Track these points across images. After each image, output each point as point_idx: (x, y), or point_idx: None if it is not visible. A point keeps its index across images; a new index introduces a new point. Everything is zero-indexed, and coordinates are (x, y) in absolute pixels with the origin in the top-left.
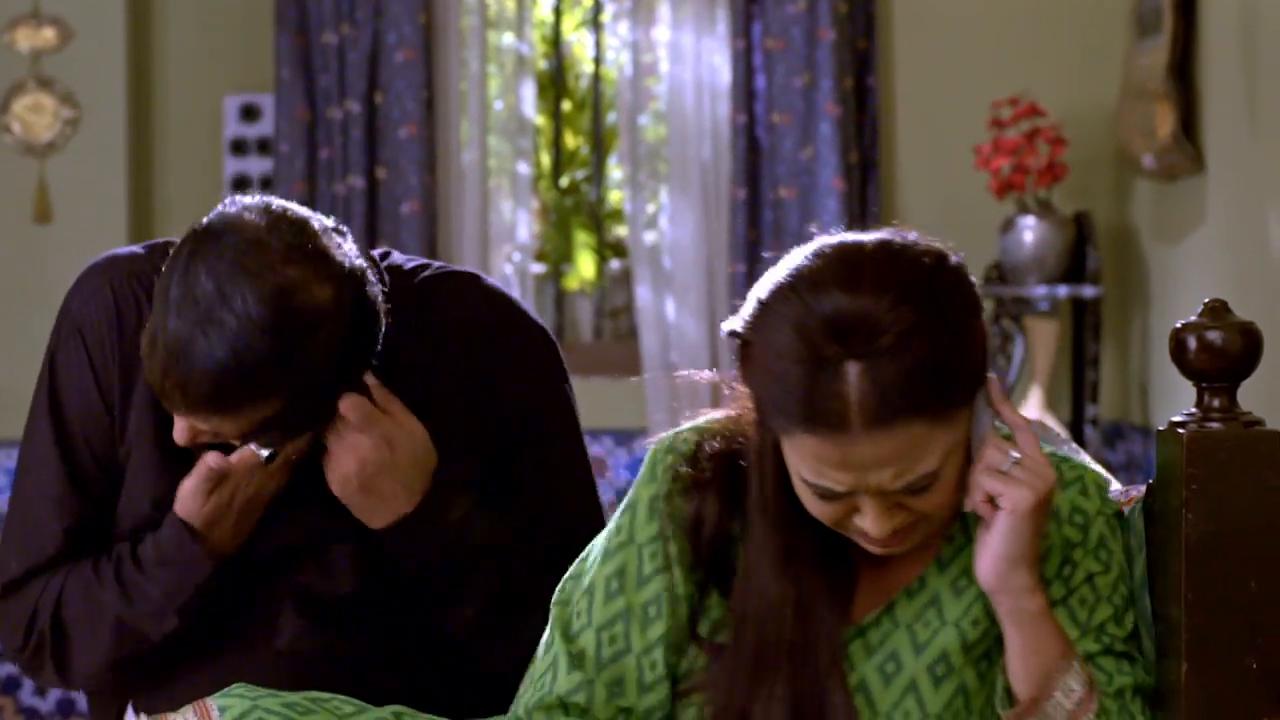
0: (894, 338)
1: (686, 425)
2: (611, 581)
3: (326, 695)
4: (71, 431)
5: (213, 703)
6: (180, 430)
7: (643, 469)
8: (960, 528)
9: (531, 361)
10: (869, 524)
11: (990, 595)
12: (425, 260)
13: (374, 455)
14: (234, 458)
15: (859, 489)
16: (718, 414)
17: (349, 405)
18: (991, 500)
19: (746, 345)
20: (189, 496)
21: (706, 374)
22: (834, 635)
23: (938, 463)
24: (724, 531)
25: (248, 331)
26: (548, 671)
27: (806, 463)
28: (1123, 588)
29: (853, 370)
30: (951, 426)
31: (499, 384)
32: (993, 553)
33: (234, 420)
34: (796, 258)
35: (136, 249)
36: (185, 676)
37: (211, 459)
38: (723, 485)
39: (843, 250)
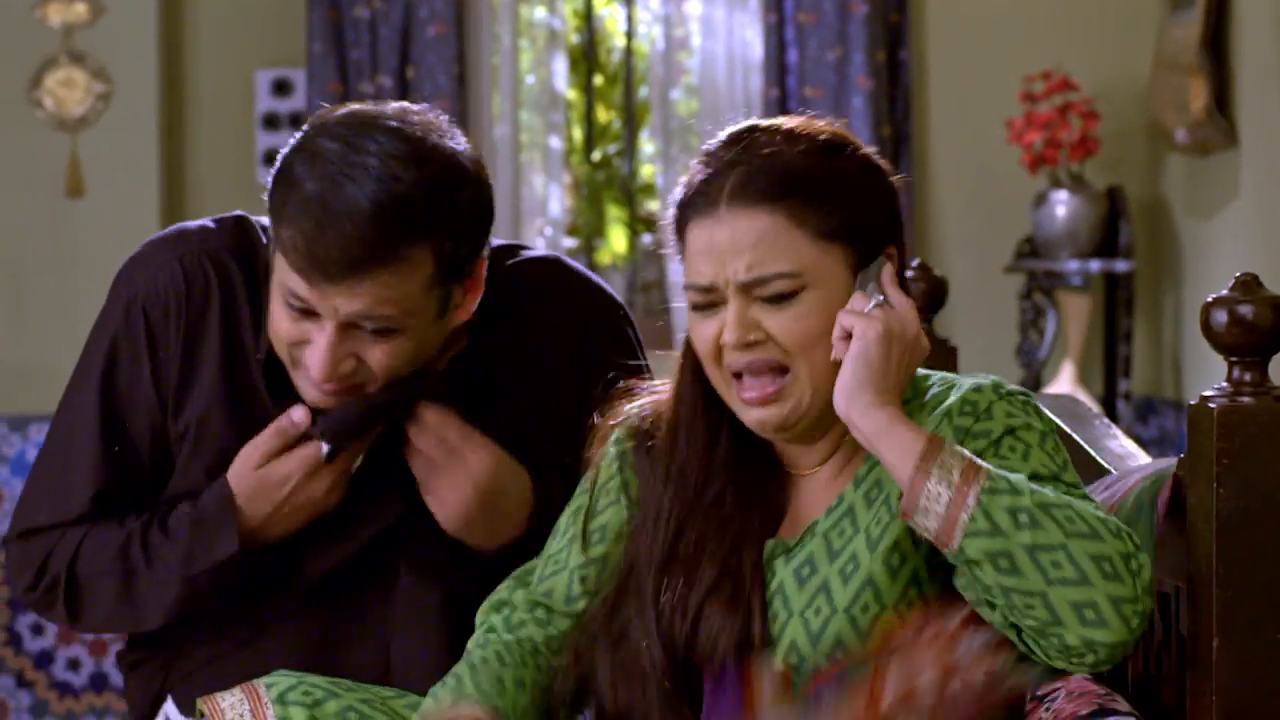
0: (779, 142)
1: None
2: (568, 521)
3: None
4: (119, 408)
5: (259, 682)
6: (322, 354)
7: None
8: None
9: (619, 343)
10: (728, 329)
11: (845, 420)
12: (506, 242)
13: (482, 482)
14: (297, 454)
15: (718, 282)
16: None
17: (438, 422)
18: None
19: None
20: (250, 449)
21: None
22: (756, 551)
23: (791, 267)
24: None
25: (392, 164)
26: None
27: (690, 263)
28: (1054, 443)
29: (737, 166)
30: (816, 245)
31: (587, 367)
32: (842, 382)
33: (390, 281)
34: None
35: (206, 223)
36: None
37: (296, 413)
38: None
39: None
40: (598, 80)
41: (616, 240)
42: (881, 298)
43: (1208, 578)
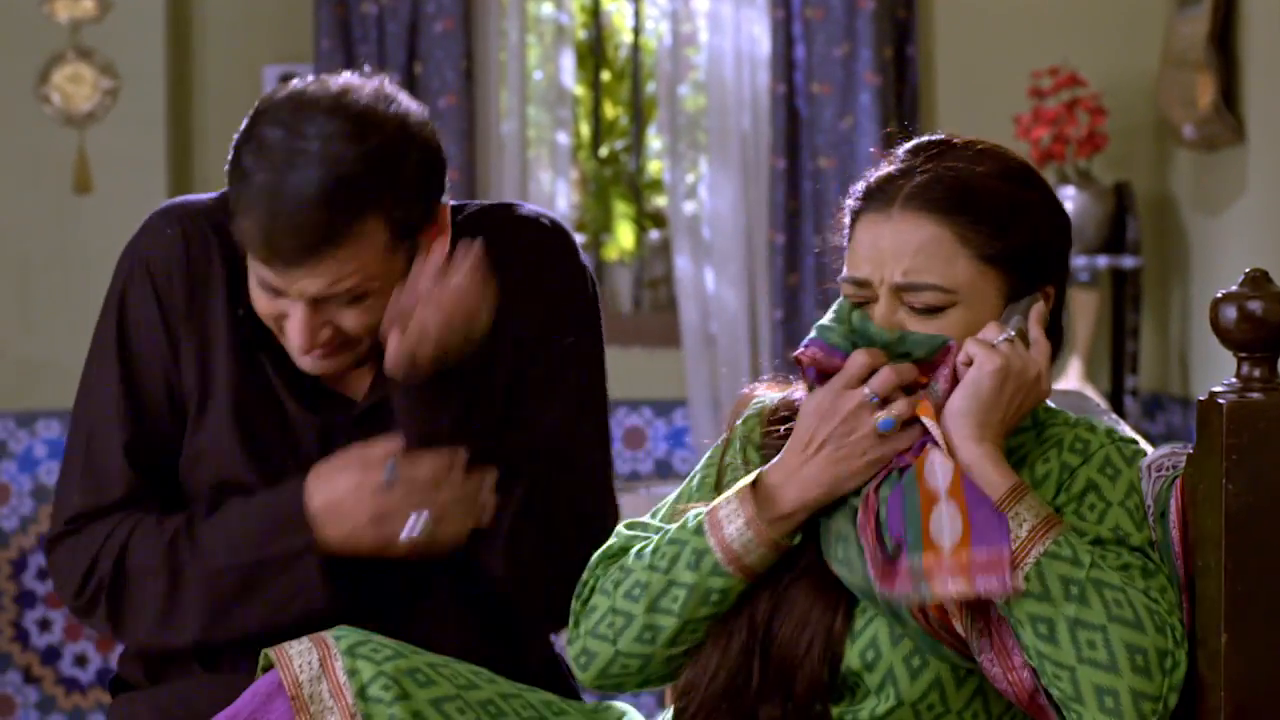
0: (968, 158)
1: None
2: (690, 492)
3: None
4: (138, 370)
5: (327, 634)
6: (299, 328)
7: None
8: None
9: (567, 279)
10: (877, 312)
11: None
12: (463, 201)
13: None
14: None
15: (874, 279)
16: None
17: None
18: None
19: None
20: (364, 475)
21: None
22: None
23: (946, 282)
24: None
25: (332, 146)
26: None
27: (852, 255)
28: (1136, 500)
29: (920, 171)
30: (976, 266)
31: (534, 299)
32: (950, 406)
33: (346, 257)
34: None
35: (208, 196)
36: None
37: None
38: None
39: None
40: (605, 76)
41: (624, 236)
42: (1012, 333)
43: (1216, 572)
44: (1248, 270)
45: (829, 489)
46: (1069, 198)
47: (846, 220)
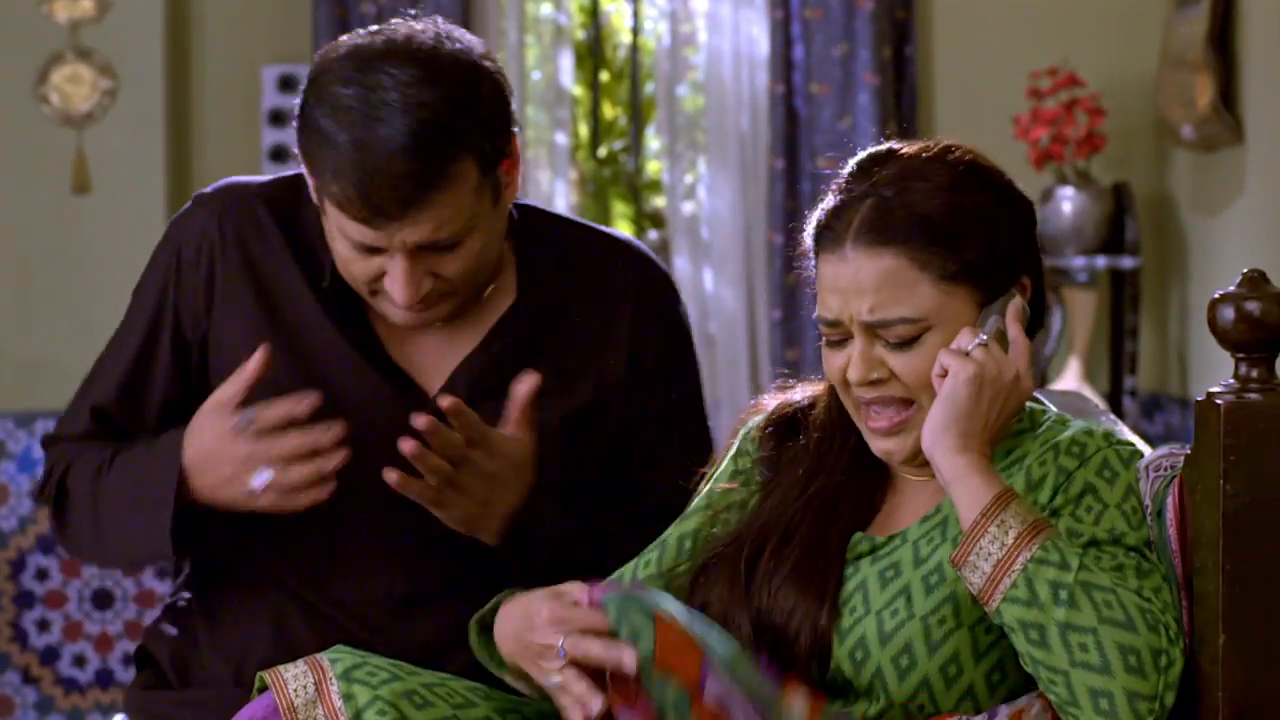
0: (910, 175)
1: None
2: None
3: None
4: (151, 342)
5: (323, 657)
6: (403, 282)
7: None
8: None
9: (672, 331)
10: (851, 366)
11: (928, 458)
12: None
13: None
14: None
15: (843, 318)
16: (807, 387)
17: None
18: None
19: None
20: (218, 401)
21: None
22: (844, 536)
23: (913, 312)
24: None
25: (411, 92)
26: None
27: (820, 295)
28: (1134, 502)
29: (866, 200)
30: (940, 288)
31: (638, 344)
32: (930, 419)
33: (445, 201)
34: None
35: (254, 180)
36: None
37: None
38: (790, 425)
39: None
40: (604, 76)
41: None
42: (985, 337)
43: (1214, 574)
44: (1246, 271)
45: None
46: (1067, 198)
47: (810, 257)
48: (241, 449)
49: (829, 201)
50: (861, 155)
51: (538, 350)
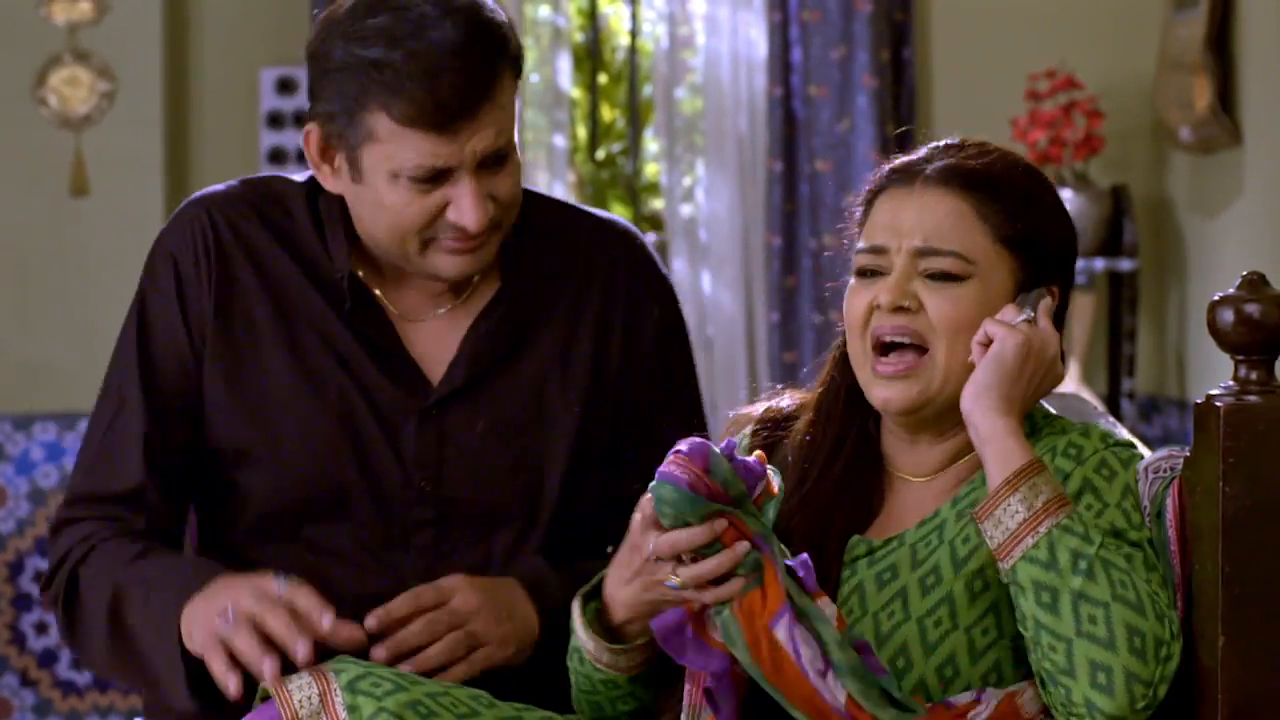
0: (984, 150)
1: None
2: None
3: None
4: (157, 363)
5: (327, 668)
6: (474, 200)
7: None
8: (983, 476)
9: (665, 305)
10: (886, 289)
11: (966, 417)
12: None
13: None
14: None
15: (891, 246)
16: (795, 394)
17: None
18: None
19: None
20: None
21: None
22: (843, 535)
23: (964, 250)
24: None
25: (444, 2)
26: None
27: (868, 229)
28: (1133, 501)
29: (940, 158)
30: (993, 243)
31: (634, 323)
32: (974, 379)
33: (502, 101)
34: None
35: (231, 184)
36: None
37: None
38: (778, 431)
39: None
40: (602, 79)
41: None
42: (1031, 313)
43: (1214, 576)
44: (1245, 273)
45: (650, 610)
46: (1066, 200)
47: (859, 210)
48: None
49: (899, 158)
50: (937, 143)
51: (530, 326)
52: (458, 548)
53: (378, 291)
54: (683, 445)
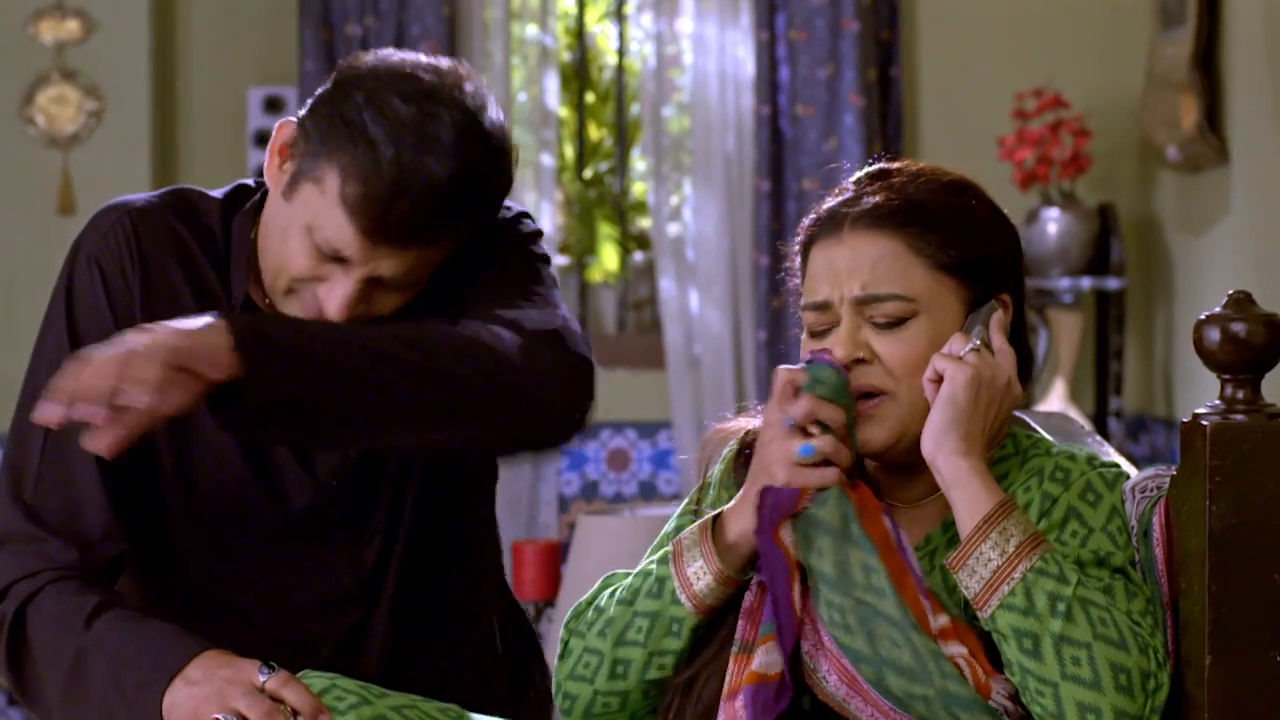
0: (907, 178)
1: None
2: (666, 535)
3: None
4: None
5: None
6: (342, 301)
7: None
8: None
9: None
10: (838, 344)
11: (930, 464)
12: None
13: None
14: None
15: (834, 299)
16: None
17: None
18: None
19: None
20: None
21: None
22: None
23: (905, 291)
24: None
25: (464, 143)
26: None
27: (808, 284)
28: (1119, 523)
29: (863, 196)
30: (932, 275)
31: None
32: (930, 423)
33: (435, 251)
34: None
35: (149, 195)
36: None
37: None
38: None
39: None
40: (589, 98)
41: (608, 258)
42: (977, 342)
43: (1200, 595)
44: (1231, 292)
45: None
46: (1053, 219)
47: (797, 258)
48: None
49: (825, 202)
50: (859, 173)
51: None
52: (375, 534)
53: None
54: (822, 353)
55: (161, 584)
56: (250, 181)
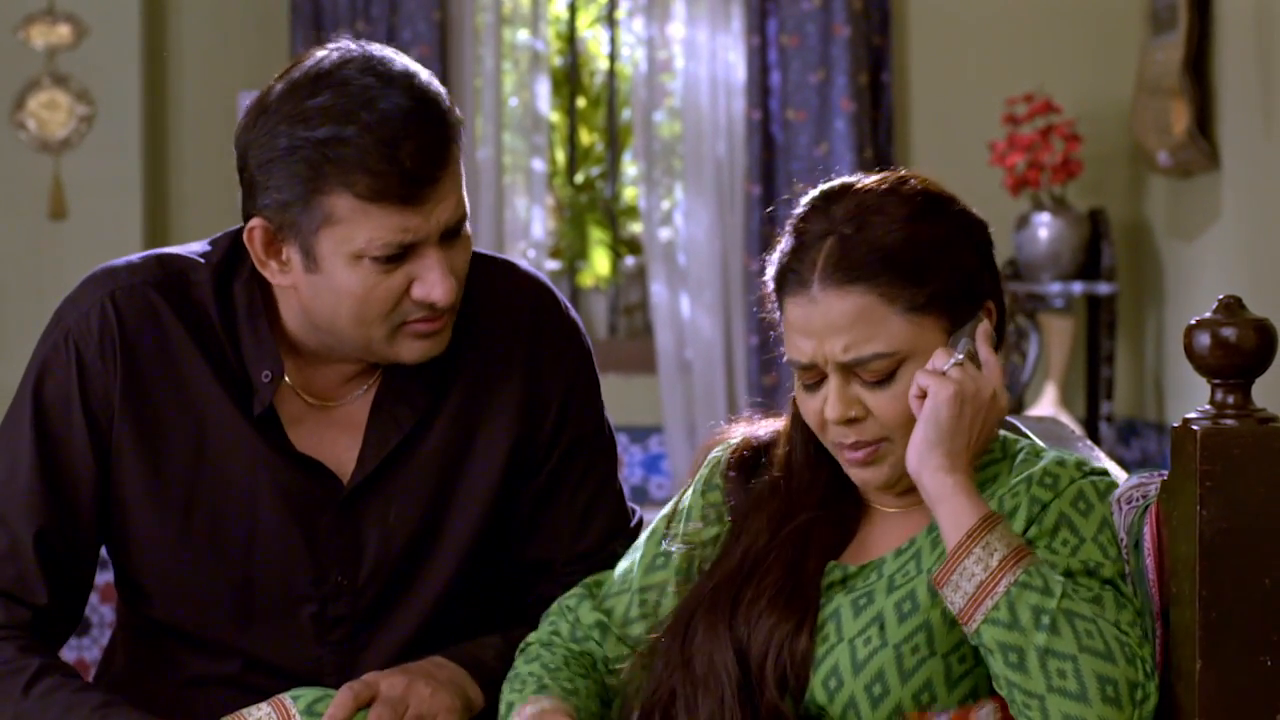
0: (868, 210)
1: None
2: (646, 541)
3: None
4: (54, 446)
5: (284, 696)
6: (441, 271)
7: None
8: None
9: (571, 354)
10: (829, 406)
11: (915, 480)
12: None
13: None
14: None
15: (818, 360)
16: (771, 423)
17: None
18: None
19: None
20: None
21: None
22: (820, 563)
23: (887, 347)
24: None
25: (386, 72)
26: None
27: (789, 338)
28: (1109, 534)
29: (827, 239)
30: (910, 320)
31: (538, 374)
32: (914, 440)
33: (457, 171)
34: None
35: (133, 259)
36: None
37: None
38: (754, 462)
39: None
40: (581, 103)
41: (599, 263)
42: (960, 356)
43: (1191, 600)
44: (1221, 297)
45: None
46: (1044, 224)
47: (771, 300)
48: None
49: (787, 243)
50: (815, 193)
51: (441, 394)
52: (374, 637)
53: (288, 380)
54: None
55: (165, 634)
56: (231, 233)
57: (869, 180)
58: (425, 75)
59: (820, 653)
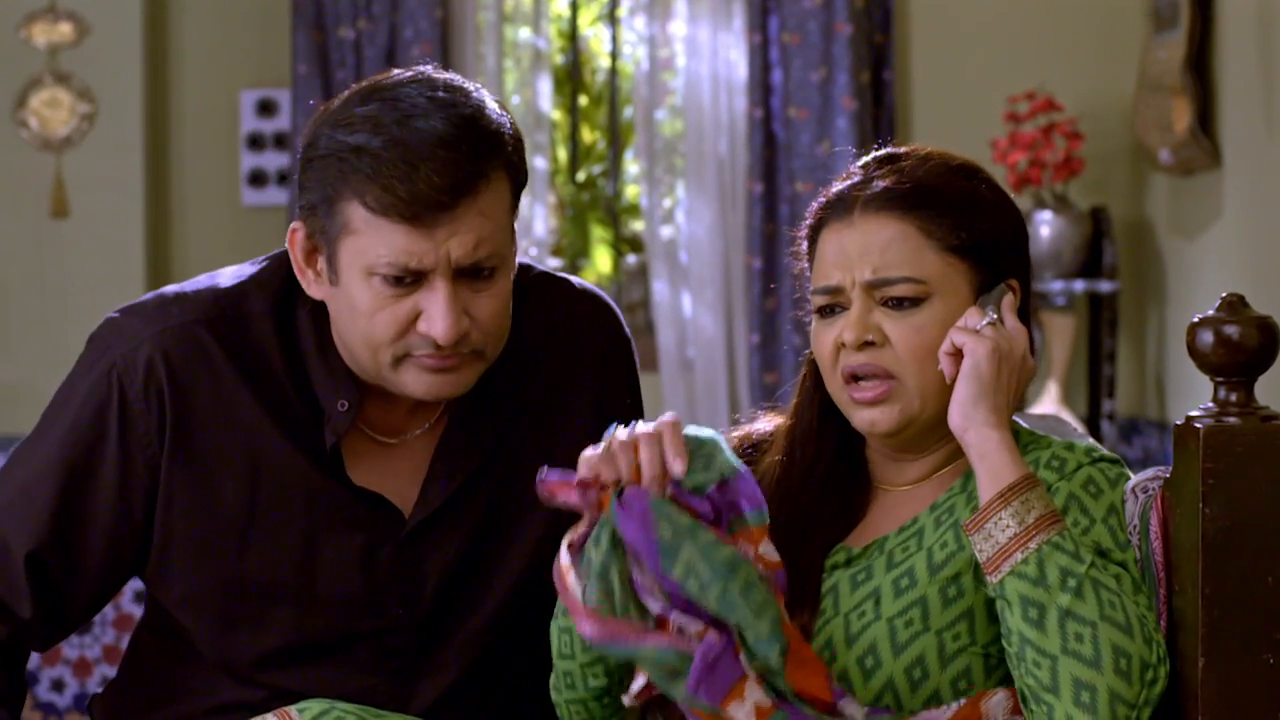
0: (915, 161)
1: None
2: None
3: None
4: (76, 478)
5: (291, 709)
6: (445, 308)
7: None
8: (962, 482)
9: (632, 380)
10: (848, 328)
11: (959, 437)
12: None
13: None
14: None
15: (845, 283)
16: (772, 417)
17: None
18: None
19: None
20: None
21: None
22: (824, 543)
23: (916, 273)
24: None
25: (442, 98)
26: None
27: (819, 268)
28: (1117, 520)
29: (873, 180)
30: (943, 258)
31: (605, 405)
32: (957, 397)
33: (484, 205)
34: None
35: (186, 288)
36: None
37: None
38: (752, 459)
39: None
40: (582, 101)
41: (601, 261)
42: (994, 316)
43: (1193, 598)
44: (1224, 295)
45: None
46: (1045, 222)
47: (805, 243)
48: None
49: (834, 186)
50: (866, 158)
51: (507, 423)
52: (431, 663)
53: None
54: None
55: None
56: (278, 254)
57: (915, 146)
58: (496, 114)
59: (816, 626)
